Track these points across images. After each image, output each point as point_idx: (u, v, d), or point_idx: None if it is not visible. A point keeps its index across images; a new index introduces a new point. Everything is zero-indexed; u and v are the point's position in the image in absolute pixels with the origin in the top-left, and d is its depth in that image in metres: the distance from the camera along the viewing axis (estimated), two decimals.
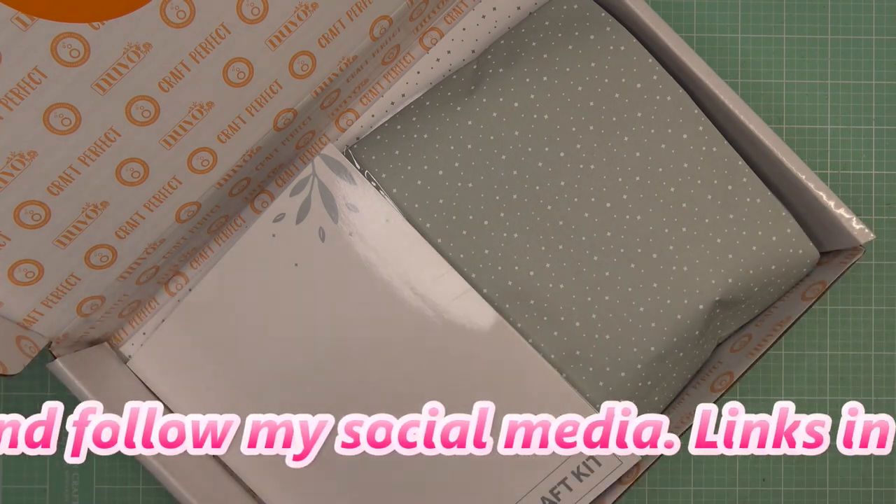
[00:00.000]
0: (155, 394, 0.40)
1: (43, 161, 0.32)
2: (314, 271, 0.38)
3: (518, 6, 0.42)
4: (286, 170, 0.42)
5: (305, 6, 0.34)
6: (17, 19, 0.29)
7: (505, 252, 0.38)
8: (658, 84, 0.37)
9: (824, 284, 0.36)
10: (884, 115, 0.44)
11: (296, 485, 0.39)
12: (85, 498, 0.44)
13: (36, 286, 0.34)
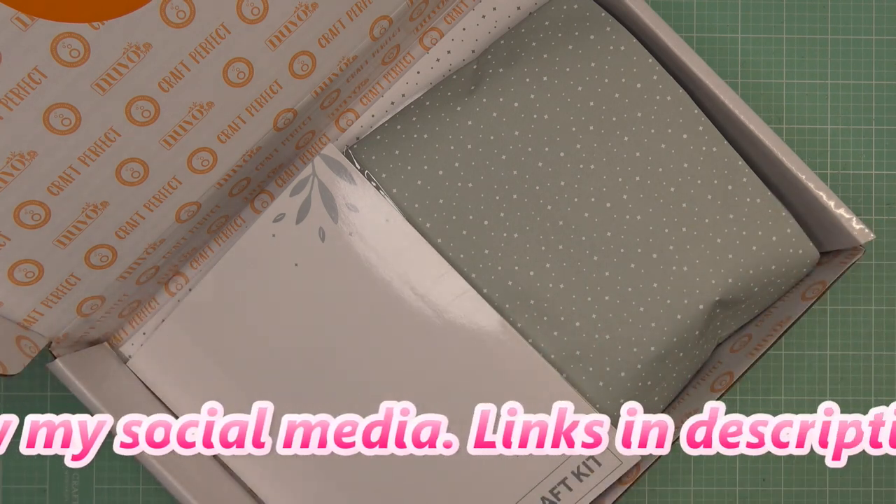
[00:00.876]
0: (155, 394, 0.40)
1: (43, 161, 0.32)
2: (314, 271, 0.38)
3: (518, 6, 0.42)
4: (286, 170, 0.42)
5: (305, 6, 0.34)
6: (17, 19, 0.29)
7: (505, 252, 0.38)
8: (658, 84, 0.37)
9: (824, 284, 0.36)
10: (884, 115, 0.44)
11: (296, 485, 0.39)
12: (85, 498, 0.44)
13: (36, 286, 0.34)
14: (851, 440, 0.37)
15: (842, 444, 0.37)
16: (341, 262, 0.38)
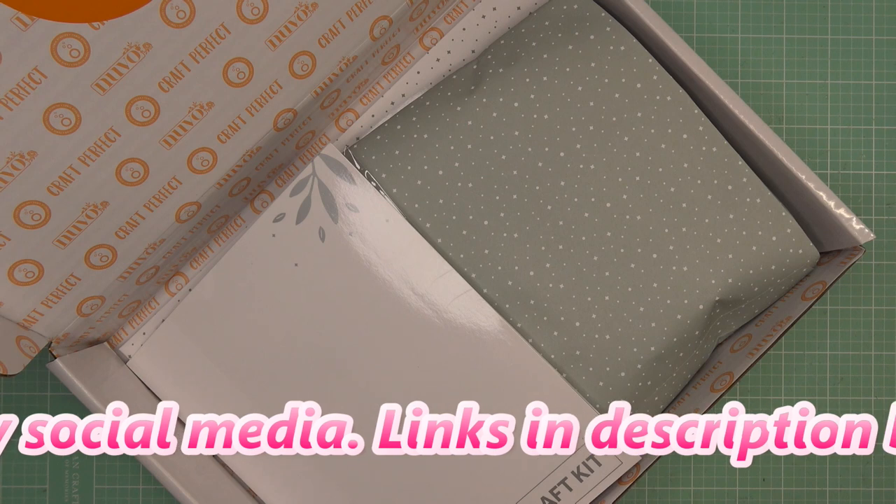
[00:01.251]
0: (155, 394, 0.40)
1: (43, 161, 0.32)
2: (314, 271, 0.38)
3: (518, 6, 0.42)
4: (286, 170, 0.42)
5: (305, 6, 0.34)
6: (17, 19, 0.29)
7: (505, 252, 0.38)
8: (658, 84, 0.37)
9: (824, 284, 0.36)
10: (884, 115, 0.44)
11: (296, 485, 0.39)
12: (85, 498, 0.44)
13: (36, 286, 0.34)
14: (756, 440, 0.37)
15: (747, 444, 0.37)
16: (341, 262, 0.38)
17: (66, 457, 0.44)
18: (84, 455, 0.44)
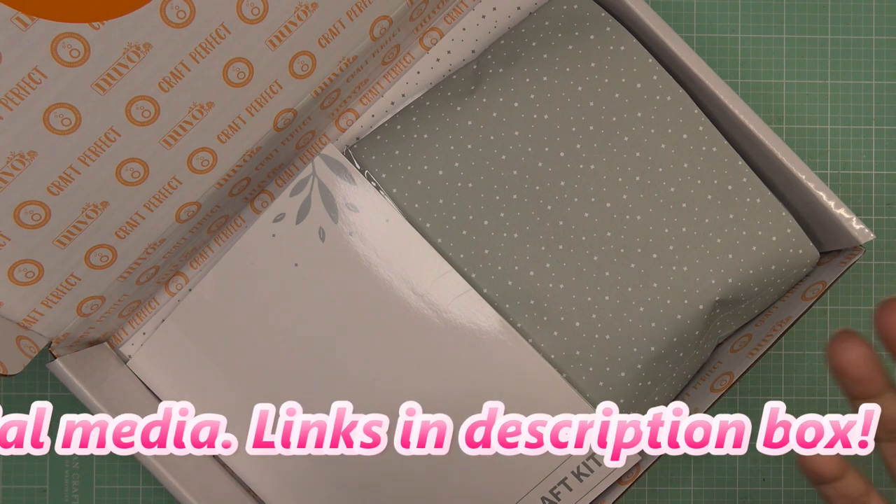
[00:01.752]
0: (155, 394, 0.40)
1: (43, 161, 0.32)
2: (314, 271, 0.38)
3: (518, 6, 0.42)
4: (286, 170, 0.42)
5: (305, 6, 0.34)
6: (17, 19, 0.29)
7: (505, 252, 0.38)
8: (658, 84, 0.37)
9: (824, 284, 0.36)
10: (884, 115, 0.44)
11: (296, 485, 0.39)
12: (85, 498, 0.44)
13: (36, 286, 0.34)
14: (630, 440, 0.37)
15: (620, 444, 0.37)
16: (341, 262, 0.38)
17: (66, 457, 0.44)
18: (84, 455, 0.44)
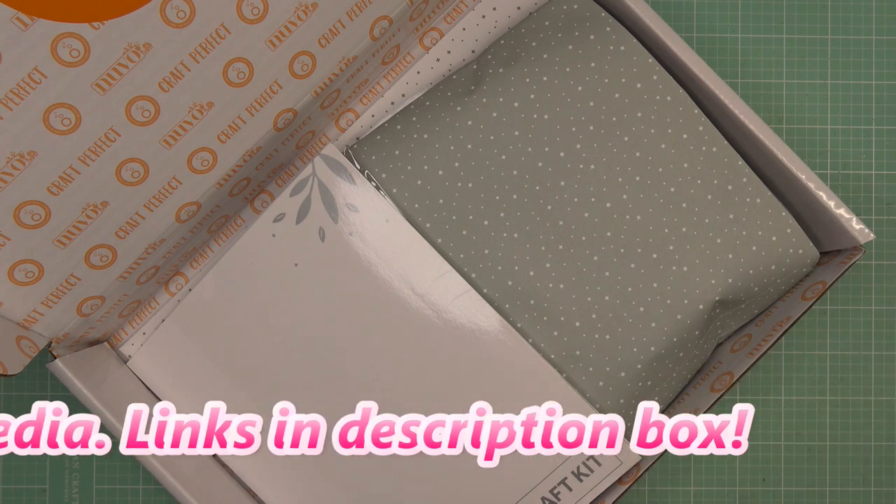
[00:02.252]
0: (155, 394, 0.40)
1: (43, 161, 0.32)
2: (314, 271, 0.38)
3: (518, 6, 0.42)
4: (286, 170, 0.42)
5: (305, 6, 0.34)
6: (17, 19, 0.29)
7: (505, 252, 0.38)
8: (658, 84, 0.37)
9: (824, 284, 0.36)
10: (884, 115, 0.44)
11: (296, 485, 0.39)
12: (85, 498, 0.44)
13: (36, 286, 0.34)
14: (504, 440, 0.37)
15: (494, 444, 0.37)
16: (341, 262, 0.38)
17: (66, 457, 0.44)
18: (84, 455, 0.44)
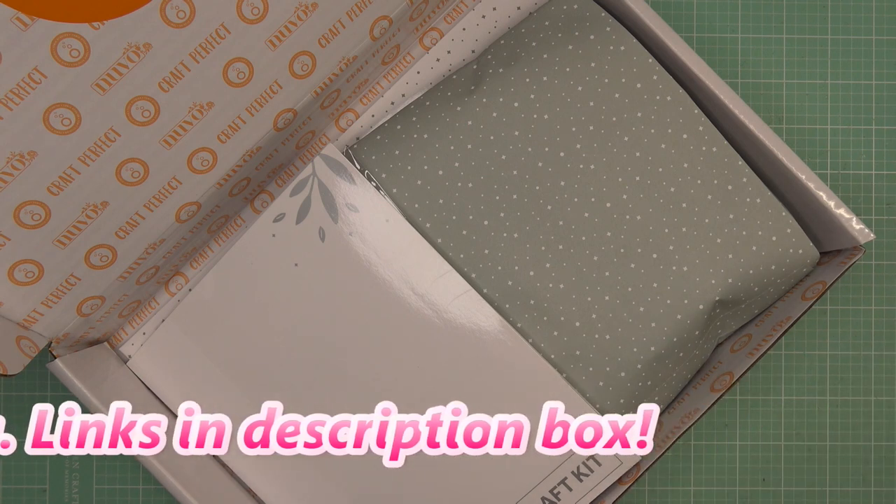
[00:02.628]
0: (155, 394, 0.40)
1: (43, 161, 0.32)
2: (314, 271, 0.38)
3: (518, 6, 0.42)
4: (286, 170, 0.42)
5: (305, 6, 0.34)
6: (17, 19, 0.29)
7: (505, 252, 0.38)
8: (658, 84, 0.37)
9: (824, 284, 0.36)
10: (884, 115, 0.44)
11: (296, 485, 0.39)
12: (85, 498, 0.44)
13: (36, 286, 0.34)
14: (409, 440, 0.37)
15: (399, 444, 0.37)
16: (341, 262, 0.38)
17: (66, 457, 0.44)
18: (84, 455, 0.44)
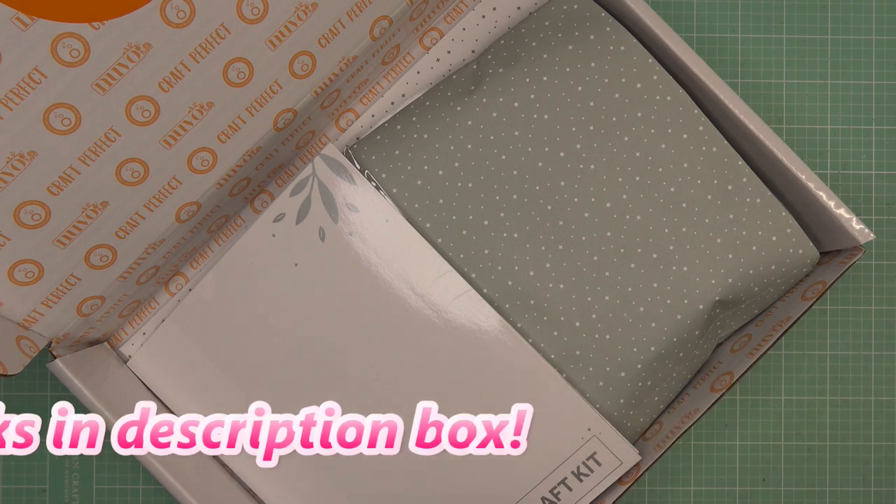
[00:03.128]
0: (155, 394, 0.40)
1: (43, 161, 0.32)
2: (314, 271, 0.38)
3: (518, 6, 0.42)
4: (286, 170, 0.42)
5: (305, 6, 0.34)
6: (17, 19, 0.29)
7: (505, 252, 0.38)
8: (658, 84, 0.37)
9: (824, 284, 0.36)
10: (884, 115, 0.44)
11: (296, 485, 0.39)
12: (85, 498, 0.44)
13: (36, 286, 0.34)
14: (283, 440, 0.37)
15: (273, 444, 0.37)
16: (341, 262, 0.38)
17: (66, 457, 0.44)
18: (84, 455, 0.44)
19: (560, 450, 0.38)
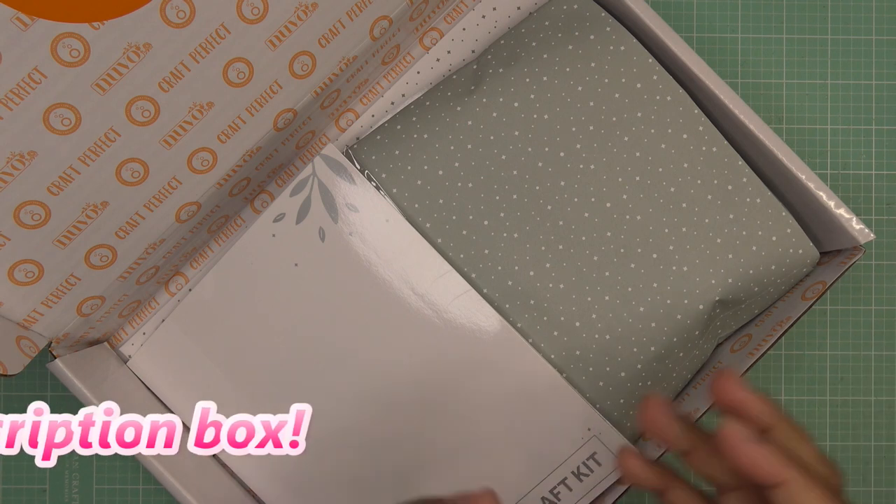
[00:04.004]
0: (155, 394, 0.40)
1: (43, 161, 0.32)
2: (314, 271, 0.38)
3: (518, 6, 0.42)
4: (286, 170, 0.42)
5: (305, 6, 0.34)
6: (17, 19, 0.29)
7: (505, 252, 0.38)
8: (658, 84, 0.37)
9: (824, 284, 0.36)
10: (884, 115, 0.44)
11: (295, 485, 0.39)
12: (85, 498, 0.44)
13: (36, 286, 0.34)
14: (62, 440, 0.37)
15: (52, 445, 0.37)
16: (341, 262, 0.38)
17: (66, 457, 0.44)
18: (84, 455, 0.44)
19: (560, 450, 0.38)
